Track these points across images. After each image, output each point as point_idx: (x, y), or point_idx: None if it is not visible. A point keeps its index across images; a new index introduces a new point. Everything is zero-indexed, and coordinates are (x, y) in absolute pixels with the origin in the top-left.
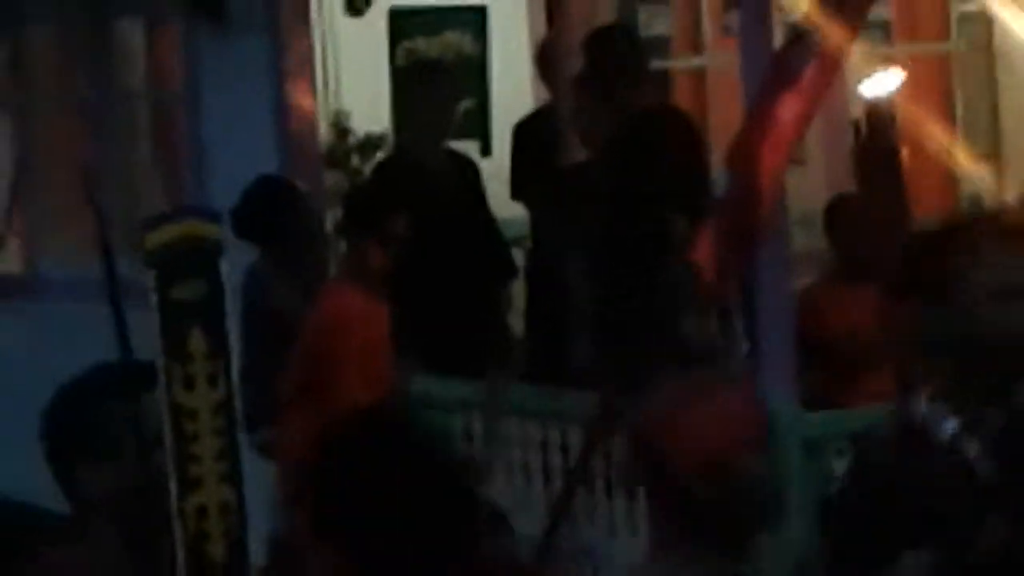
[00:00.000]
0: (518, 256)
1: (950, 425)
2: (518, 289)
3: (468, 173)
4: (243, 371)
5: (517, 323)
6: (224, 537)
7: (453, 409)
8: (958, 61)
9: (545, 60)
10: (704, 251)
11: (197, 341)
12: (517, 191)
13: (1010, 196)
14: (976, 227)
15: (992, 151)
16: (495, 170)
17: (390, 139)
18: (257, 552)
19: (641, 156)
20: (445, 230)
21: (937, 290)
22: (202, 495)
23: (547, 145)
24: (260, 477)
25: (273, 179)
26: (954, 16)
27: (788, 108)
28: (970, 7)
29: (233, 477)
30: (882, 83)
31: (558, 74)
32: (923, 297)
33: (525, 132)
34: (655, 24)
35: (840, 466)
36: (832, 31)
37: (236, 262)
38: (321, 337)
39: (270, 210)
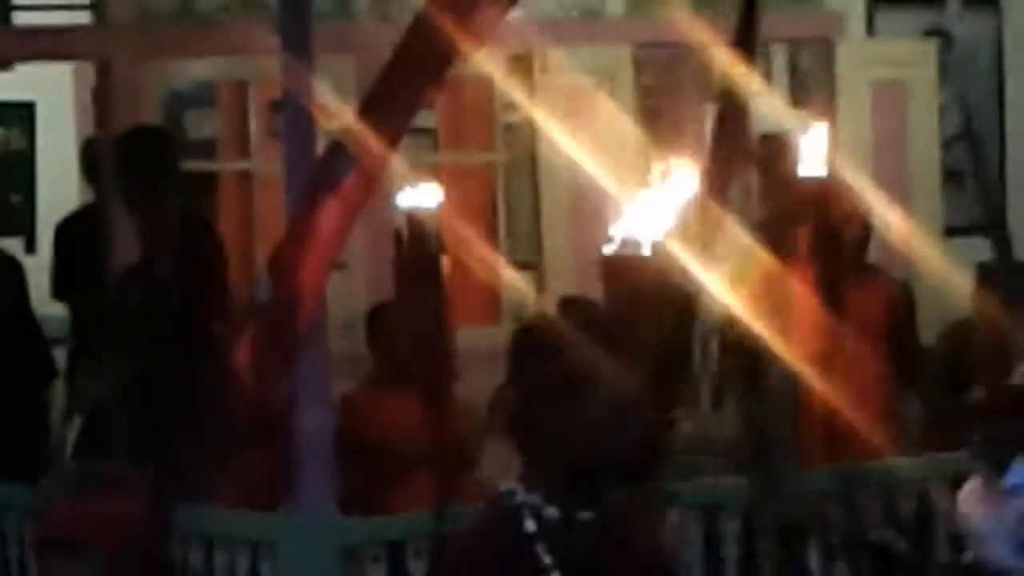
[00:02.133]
0: (60, 356)
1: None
2: (59, 390)
3: (11, 272)
4: None
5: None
6: None
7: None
8: (503, 169)
9: (90, 159)
10: (244, 356)
11: None
12: (59, 291)
13: (549, 303)
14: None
15: (534, 258)
16: (39, 267)
17: None
18: None
19: (178, 265)
20: None
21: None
22: None
23: (90, 244)
24: None
25: None
26: (499, 126)
27: (329, 215)
28: (514, 118)
29: None
30: (423, 193)
31: (103, 173)
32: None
33: (68, 231)
34: (203, 126)
35: (377, 572)
36: (373, 140)
37: None
38: None
39: None
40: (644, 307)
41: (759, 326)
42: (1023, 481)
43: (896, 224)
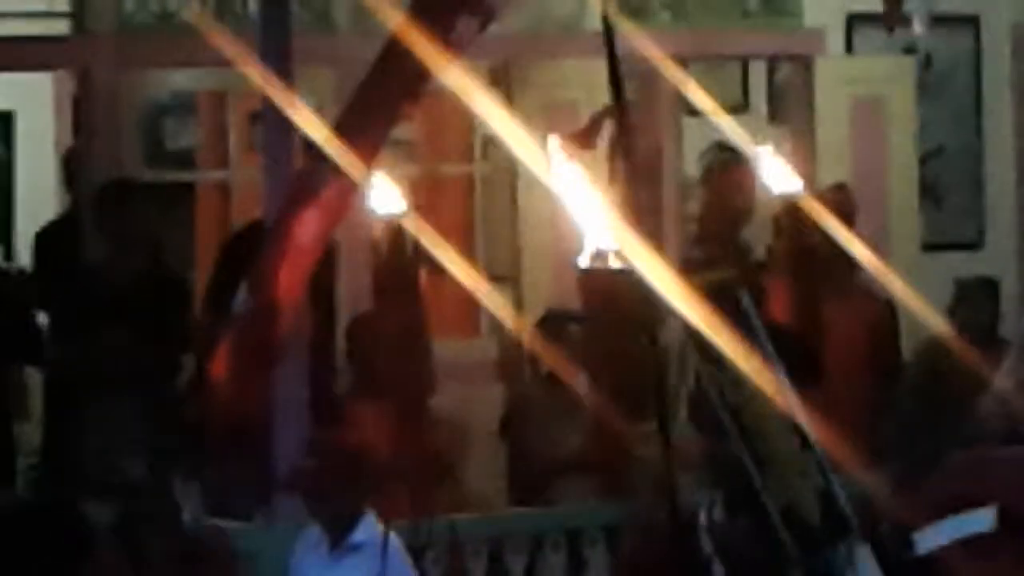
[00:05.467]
0: None
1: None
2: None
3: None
4: None
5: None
6: None
7: None
8: (481, 182)
9: (70, 167)
10: (221, 367)
11: None
12: (41, 299)
13: (527, 317)
14: None
15: (512, 272)
16: None
17: None
18: None
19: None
20: None
21: None
22: None
23: (69, 253)
24: None
25: None
26: (478, 138)
27: (307, 227)
28: (494, 130)
29: None
30: (400, 205)
31: (81, 182)
32: None
33: (47, 239)
34: (181, 136)
35: None
36: (352, 151)
37: None
38: None
39: None
40: (621, 319)
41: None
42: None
43: (874, 239)
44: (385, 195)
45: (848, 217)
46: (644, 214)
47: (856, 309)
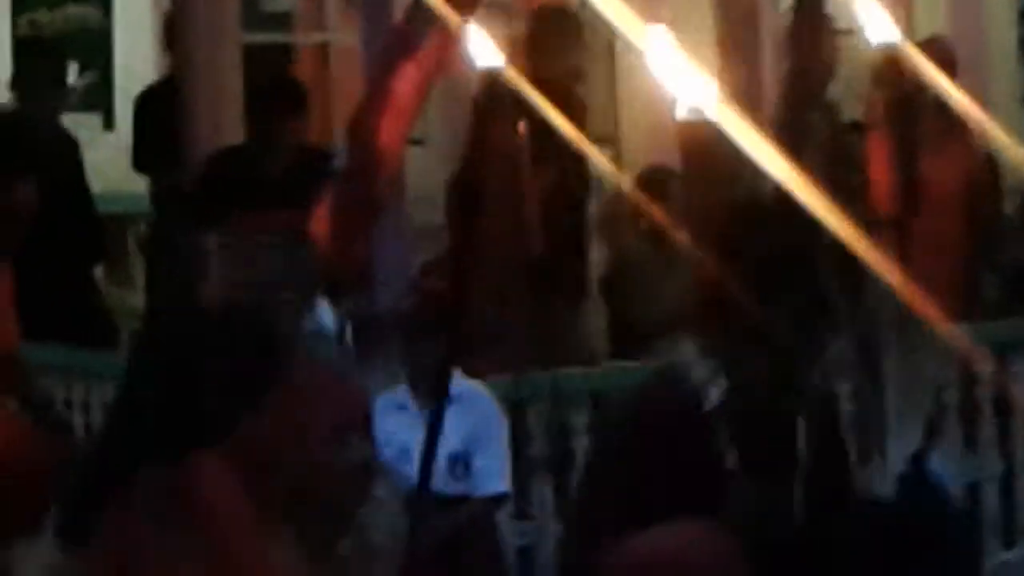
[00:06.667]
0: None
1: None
2: (138, 264)
3: (70, 149)
4: None
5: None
6: None
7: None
8: None
9: (171, 31)
10: (323, 224)
11: None
12: (139, 162)
13: (628, 179)
14: None
15: (611, 132)
16: (118, 143)
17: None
18: None
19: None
20: (52, 203)
21: None
22: None
23: (171, 116)
24: None
25: None
26: None
27: (407, 81)
28: None
29: None
30: (496, 58)
31: (180, 45)
32: None
33: (149, 102)
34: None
35: None
36: (450, 5)
37: None
38: None
39: None
40: (720, 174)
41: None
42: None
43: (973, 94)
44: (484, 50)
45: (948, 70)
46: (741, 70)
47: (957, 162)
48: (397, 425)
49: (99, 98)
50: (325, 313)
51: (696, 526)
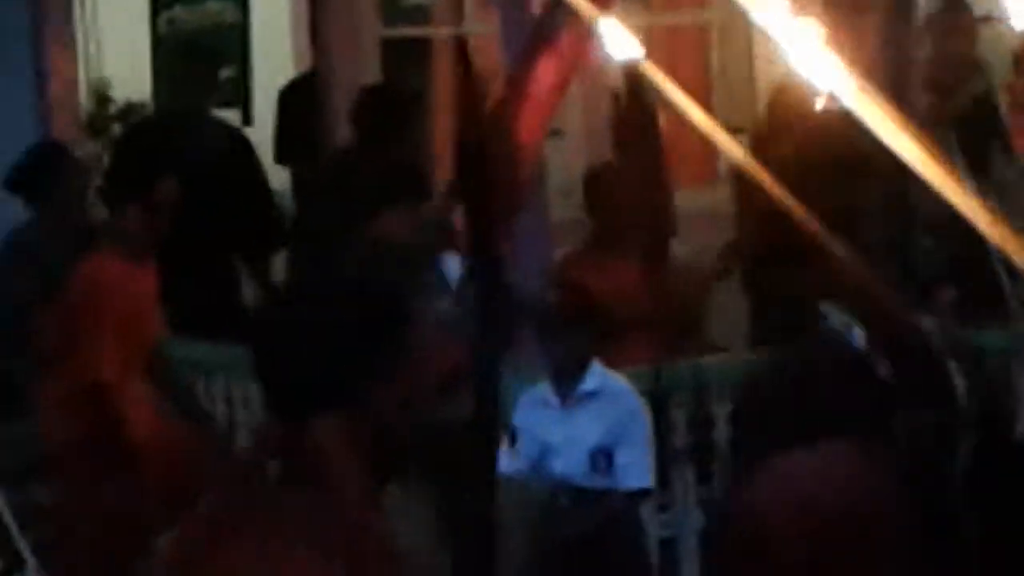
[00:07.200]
0: None
1: (857, 335)
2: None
3: (237, 144)
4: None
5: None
6: None
7: (211, 371)
8: (716, 32)
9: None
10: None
11: None
12: (281, 155)
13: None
14: None
15: (748, 123)
16: (256, 139)
17: (151, 108)
18: None
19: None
20: (210, 197)
21: None
22: None
23: (312, 110)
24: None
25: (53, 143)
26: None
27: (546, 74)
28: None
29: None
30: (635, 51)
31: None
32: None
33: (292, 95)
34: None
35: None
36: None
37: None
38: (76, 303)
39: (46, 170)
40: (854, 164)
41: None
42: None
43: None
44: (622, 43)
45: None
46: (885, 59)
47: None
48: (540, 421)
49: (237, 94)
50: (452, 262)
51: (842, 446)
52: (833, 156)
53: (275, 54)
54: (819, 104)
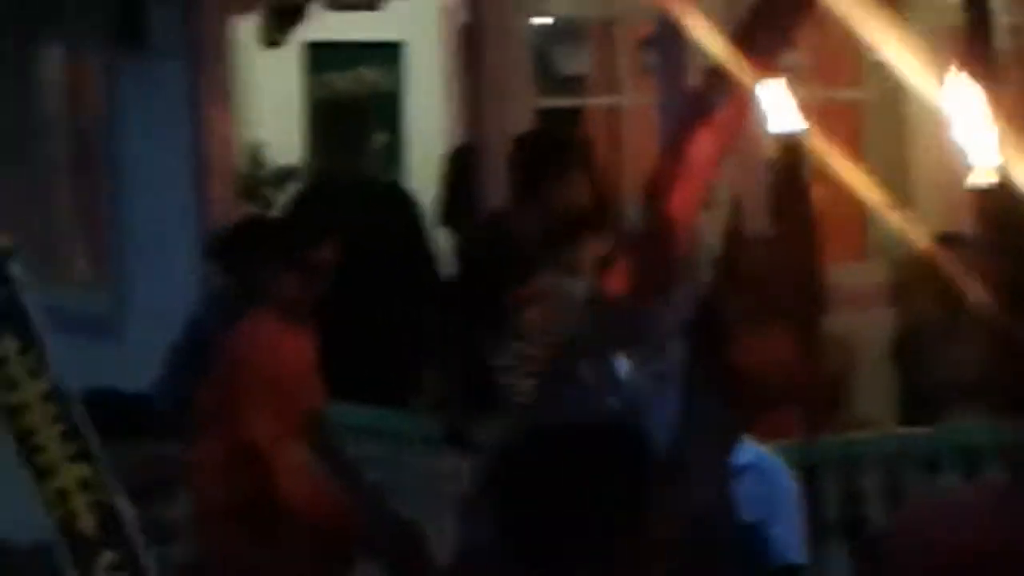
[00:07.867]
0: None
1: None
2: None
3: (403, 206)
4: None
5: None
6: (92, 510)
7: (368, 437)
8: (870, 109)
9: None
10: (618, 284)
11: (8, 343)
12: (445, 217)
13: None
14: None
15: (901, 201)
16: None
17: (303, 172)
18: None
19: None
20: (370, 261)
21: None
22: (57, 479)
23: (470, 178)
24: None
25: (261, 216)
26: (867, 64)
27: (703, 145)
28: (883, 55)
29: (84, 454)
30: (795, 122)
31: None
32: None
33: (459, 159)
34: (573, 63)
35: None
36: (747, 71)
37: None
38: (231, 367)
39: (251, 244)
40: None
41: None
42: None
43: None
44: (783, 114)
45: None
46: None
47: None
48: None
49: (390, 161)
50: (621, 365)
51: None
52: None
53: (429, 120)
54: (972, 180)
